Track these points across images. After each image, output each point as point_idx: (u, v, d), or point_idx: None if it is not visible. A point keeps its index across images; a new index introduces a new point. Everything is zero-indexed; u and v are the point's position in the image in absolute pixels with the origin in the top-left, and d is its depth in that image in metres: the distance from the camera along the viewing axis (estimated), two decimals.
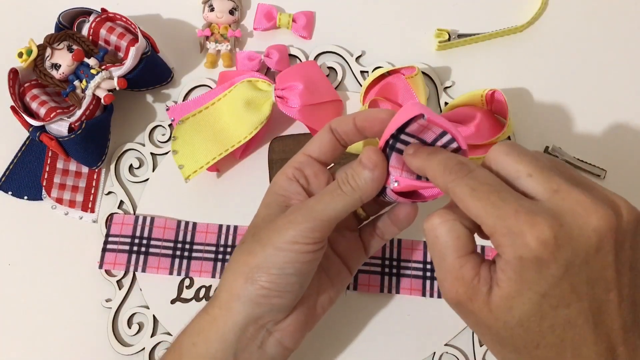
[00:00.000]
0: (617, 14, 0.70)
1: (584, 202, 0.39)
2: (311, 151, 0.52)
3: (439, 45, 0.68)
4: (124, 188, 0.66)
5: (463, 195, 0.41)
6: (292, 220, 0.48)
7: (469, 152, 0.61)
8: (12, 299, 0.64)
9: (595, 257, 0.39)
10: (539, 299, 0.40)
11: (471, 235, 0.44)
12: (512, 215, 0.39)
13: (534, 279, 0.39)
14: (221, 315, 0.49)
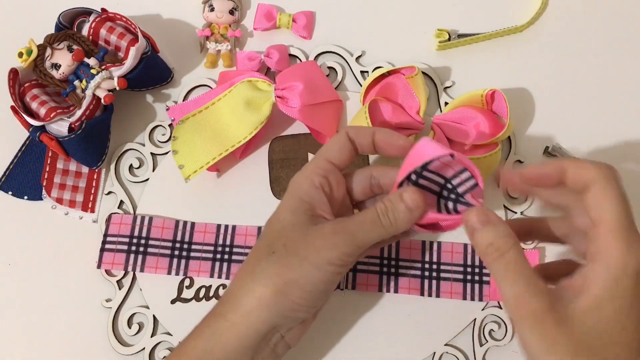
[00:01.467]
0: (617, 14, 0.70)
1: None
2: (333, 158, 0.52)
3: (439, 45, 0.68)
4: (124, 188, 0.66)
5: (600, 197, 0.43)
6: (334, 243, 0.48)
7: (469, 152, 0.62)
8: (12, 299, 0.64)
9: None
10: (629, 309, 0.41)
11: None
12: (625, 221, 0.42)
13: (629, 289, 0.41)
14: (242, 323, 0.49)
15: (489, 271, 0.48)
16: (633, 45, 0.69)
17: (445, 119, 0.63)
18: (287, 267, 0.49)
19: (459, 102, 0.64)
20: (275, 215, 0.52)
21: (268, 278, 0.49)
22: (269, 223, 0.52)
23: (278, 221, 0.51)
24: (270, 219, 0.52)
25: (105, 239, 0.63)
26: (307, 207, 0.51)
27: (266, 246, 0.50)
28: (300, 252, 0.49)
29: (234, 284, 0.51)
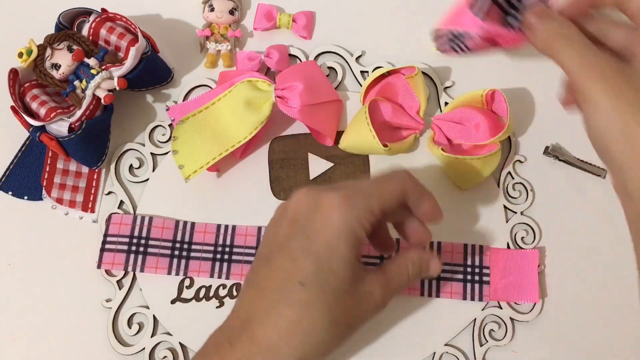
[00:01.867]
0: (617, 14, 0.70)
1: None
2: (386, 209, 0.50)
3: None
4: (124, 188, 0.66)
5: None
6: (374, 315, 0.51)
7: (470, 152, 0.62)
8: (12, 299, 0.64)
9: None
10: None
11: None
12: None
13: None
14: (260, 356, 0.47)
15: (554, 61, 0.47)
16: None
17: (446, 118, 0.63)
18: (342, 340, 0.49)
19: (459, 102, 0.64)
20: (325, 264, 0.47)
21: (324, 353, 0.48)
22: (317, 274, 0.47)
23: (333, 276, 0.47)
24: (317, 267, 0.47)
25: (105, 239, 0.63)
26: (356, 254, 0.49)
27: (325, 311, 0.47)
28: (355, 323, 0.49)
29: (279, 345, 0.47)
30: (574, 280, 0.64)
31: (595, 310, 0.64)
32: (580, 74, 0.45)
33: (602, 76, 0.44)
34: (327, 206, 0.48)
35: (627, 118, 0.42)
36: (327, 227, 0.48)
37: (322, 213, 0.48)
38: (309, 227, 0.48)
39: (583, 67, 0.45)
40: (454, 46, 0.57)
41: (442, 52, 0.58)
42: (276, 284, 0.48)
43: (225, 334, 0.49)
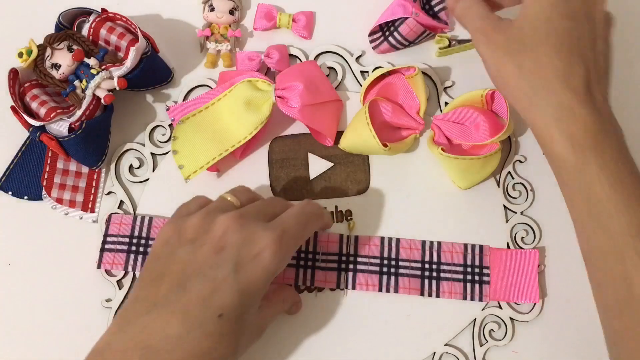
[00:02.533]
0: (617, 15, 0.70)
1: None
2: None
3: (439, 52, 0.68)
4: (124, 188, 0.66)
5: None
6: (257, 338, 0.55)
7: (469, 152, 0.62)
8: (12, 299, 0.64)
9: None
10: (549, 6, 0.53)
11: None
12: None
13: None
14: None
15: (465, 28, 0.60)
16: (632, 45, 0.70)
17: (446, 118, 0.63)
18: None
19: (459, 102, 0.64)
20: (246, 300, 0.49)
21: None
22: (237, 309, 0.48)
23: (247, 312, 0.49)
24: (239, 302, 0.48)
25: (105, 239, 0.63)
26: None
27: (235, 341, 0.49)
28: (247, 338, 0.52)
29: (168, 336, 0.47)
30: (574, 280, 0.64)
31: (595, 310, 0.64)
32: (474, 38, 0.57)
33: (485, 36, 0.56)
34: (261, 245, 0.49)
35: (499, 60, 0.54)
36: (259, 267, 0.49)
37: (254, 250, 0.49)
38: (239, 261, 0.49)
39: (475, 32, 0.57)
40: (391, 41, 0.67)
41: (380, 52, 0.68)
42: (193, 313, 0.47)
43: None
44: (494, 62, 0.55)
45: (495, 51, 0.55)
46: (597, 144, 0.51)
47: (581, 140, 0.51)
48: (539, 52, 0.52)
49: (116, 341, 0.48)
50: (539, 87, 0.52)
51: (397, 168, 0.65)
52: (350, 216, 0.64)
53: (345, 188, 0.65)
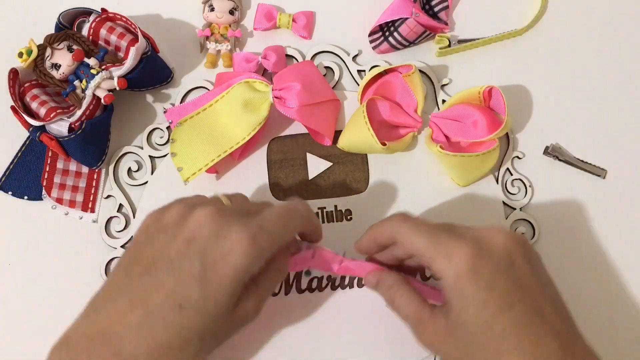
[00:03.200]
0: (616, 15, 0.70)
1: (491, 229, 0.51)
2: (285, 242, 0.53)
3: (439, 52, 0.68)
4: (123, 191, 0.66)
5: (409, 234, 0.52)
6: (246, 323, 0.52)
7: (468, 149, 0.62)
8: (12, 299, 0.64)
9: (514, 268, 0.50)
10: (481, 309, 0.48)
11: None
12: (445, 243, 0.50)
13: (472, 292, 0.48)
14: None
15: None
16: (632, 45, 0.70)
17: (444, 116, 0.63)
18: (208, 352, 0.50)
19: (457, 100, 0.64)
20: (210, 293, 0.47)
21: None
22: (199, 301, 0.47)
23: (214, 306, 0.47)
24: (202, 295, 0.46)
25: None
26: (242, 286, 0.49)
27: (198, 336, 0.47)
28: (222, 338, 0.51)
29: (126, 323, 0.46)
30: (573, 279, 0.64)
31: (594, 309, 0.63)
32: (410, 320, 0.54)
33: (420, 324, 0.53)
34: (233, 241, 0.47)
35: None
36: (227, 263, 0.47)
37: (224, 245, 0.47)
38: (207, 254, 0.47)
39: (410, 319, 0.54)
40: (391, 41, 0.67)
41: (380, 52, 0.68)
42: (154, 302, 0.46)
43: (82, 345, 0.47)
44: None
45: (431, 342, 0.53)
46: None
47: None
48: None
49: (82, 327, 0.48)
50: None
51: (396, 166, 0.65)
52: (350, 215, 0.64)
53: (344, 187, 0.65)
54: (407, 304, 0.54)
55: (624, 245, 0.65)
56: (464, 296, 0.48)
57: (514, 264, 0.50)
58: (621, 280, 0.64)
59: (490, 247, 0.50)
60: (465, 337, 0.49)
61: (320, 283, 0.63)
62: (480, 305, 0.48)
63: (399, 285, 0.55)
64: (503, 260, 0.49)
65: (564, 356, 0.48)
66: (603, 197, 0.66)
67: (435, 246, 0.50)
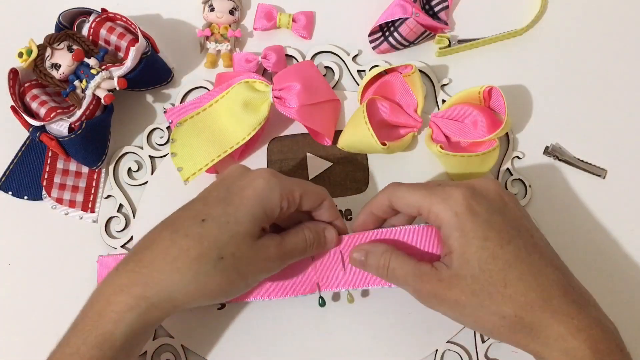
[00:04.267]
0: (616, 15, 0.70)
1: (482, 179, 0.54)
2: (305, 203, 0.56)
3: (439, 52, 0.68)
4: (123, 191, 0.66)
5: (404, 193, 0.54)
6: (269, 267, 0.55)
7: (468, 149, 0.62)
8: (12, 298, 0.64)
9: (507, 209, 0.53)
10: (483, 243, 0.50)
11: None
12: (440, 190, 0.52)
13: (472, 228, 0.50)
14: (169, 310, 0.52)
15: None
16: (632, 45, 0.70)
17: (444, 116, 0.63)
18: (229, 281, 0.52)
19: (457, 100, 0.64)
20: (231, 208, 0.52)
21: (207, 286, 0.51)
22: (220, 212, 0.52)
23: (235, 222, 0.52)
24: (223, 207, 0.52)
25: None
26: (265, 219, 0.53)
27: (215, 246, 0.51)
28: (243, 270, 0.52)
29: (162, 268, 0.51)
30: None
31: None
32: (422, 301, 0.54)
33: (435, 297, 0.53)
34: (255, 173, 0.54)
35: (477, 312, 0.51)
36: (249, 187, 0.53)
37: (249, 177, 0.54)
38: (234, 184, 0.54)
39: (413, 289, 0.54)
40: (391, 41, 0.67)
41: (380, 52, 0.68)
42: (182, 220, 0.53)
43: (117, 264, 0.53)
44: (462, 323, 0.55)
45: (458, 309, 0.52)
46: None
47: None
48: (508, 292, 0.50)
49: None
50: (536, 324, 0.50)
51: (396, 166, 0.65)
52: (350, 215, 0.64)
53: (344, 187, 0.65)
54: (404, 262, 0.54)
55: (624, 245, 0.65)
56: (465, 233, 0.51)
57: (507, 205, 0.53)
58: (621, 280, 0.65)
59: (483, 191, 0.53)
60: (471, 275, 0.50)
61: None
62: (482, 240, 0.50)
63: (392, 251, 0.55)
64: (497, 202, 0.53)
65: (567, 284, 0.52)
66: (603, 197, 0.66)
67: (431, 195, 0.52)
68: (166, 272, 0.50)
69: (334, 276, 0.59)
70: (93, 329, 0.50)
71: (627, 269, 0.65)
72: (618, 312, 0.64)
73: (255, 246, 0.52)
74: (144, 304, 0.50)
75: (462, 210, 0.51)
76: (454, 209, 0.51)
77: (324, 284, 0.60)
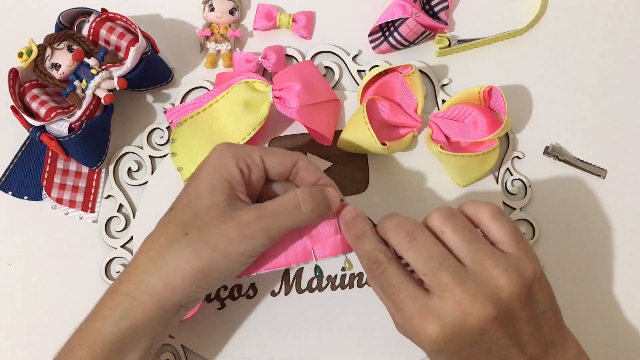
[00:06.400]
0: (616, 15, 0.70)
1: (464, 302, 0.47)
2: (268, 163, 0.53)
3: (439, 52, 0.68)
4: (123, 191, 0.66)
5: (376, 292, 0.52)
6: (247, 234, 0.49)
7: (468, 149, 0.62)
8: (12, 299, 0.64)
9: (483, 338, 0.48)
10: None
11: None
12: (409, 319, 0.48)
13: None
14: (150, 303, 0.50)
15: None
16: (631, 45, 0.70)
17: (444, 116, 0.63)
18: (198, 255, 0.49)
19: (457, 100, 0.64)
20: (191, 188, 0.52)
21: (178, 265, 0.49)
22: (184, 196, 0.52)
23: (196, 198, 0.51)
24: (186, 190, 0.53)
25: None
26: (227, 186, 0.51)
27: (180, 226, 0.50)
28: (213, 240, 0.49)
29: (140, 262, 0.51)
30: (573, 279, 0.64)
31: (594, 308, 0.63)
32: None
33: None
34: (211, 152, 0.53)
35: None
36: (205, 165, 0.52)
37: (206, 158, 0.53)
38: (195, 170, 0.54)
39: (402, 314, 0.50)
40: (391, 41, 0.67)
41: (380, 52, 0.68)
42: (159, 236, 0.52)
43: (117, 285, 0.53)
44: None
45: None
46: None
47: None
48: None
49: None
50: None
51: (396, 166, 0.66)
52: None
53: (344, 187, 0.65)
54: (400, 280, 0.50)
55: (624, 245, 0.65)
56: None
57: (484, 336, 0.48)
58: (622, 280, 0.65)
59: (455, 328, 0.48)
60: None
61: (320, 283, 0.63)
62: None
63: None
64: (469, 338, 0.48)
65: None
66: (603, 197, 0.66)
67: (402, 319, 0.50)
68: (143, 264, 0.50)
69: (328, 240, 0.55)
70: (85, 327, 0.51)
71: (627, 269, 0.65)
72: (618, 312, 0.64)
73: (225, 215, 0.50)
74: (127, 299, 0.50)
75: (428, 351, 0.51)
76: (422, 346, 0.51)
77: (318, 250, 0.56)
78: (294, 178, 0.55)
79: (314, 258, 0.55)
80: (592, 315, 0.60)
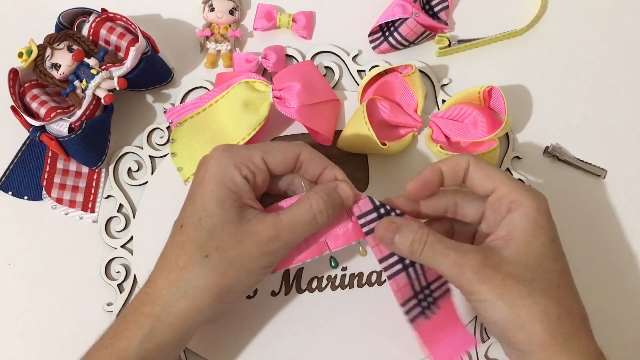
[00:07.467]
0: (616, 15, 0.70)
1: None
2: (271, 162, 0.53)
3: (439, 52, 0.68)
4: (123, 191, 0.66)
5: (486, 169, 0.52)
6: (269, 251, 0.51)
7: (468, 149, 0.62)
8: (12, 299, 0.64)
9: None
10: (551, 243, 0.51)
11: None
12: (520, 184, 0.52)
13: (547, 227, 0.51)
14: (178, 325, 0.51)
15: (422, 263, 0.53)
16: (631, 45, 0.70)
17: (444, 116, 0.63)
18: (223, 276, 0.50)
19: (457, 100, 0.64)
20: (198, 203, 0.51)
21: (204, 288, 0.50)
22: (191, 211, 0.51)
23: (206, 215, 0.51)
24: (192, 205, 0.51)
25: None
26: (235, 197, 0.51)
27: (197, 247, 0.50)
28: (236, 261, 0.50)
29: (162, 285, 0.51)
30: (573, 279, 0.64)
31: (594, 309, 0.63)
32: (454, 274, 0.50)
33: (476, 273, 0.49)
34: (208, 156, 0.53)
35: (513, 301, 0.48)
36: (206, 175, 0.51)
37: (204, 164, 0.53)
38: (196, 180, 0.53)
39: (453, 268, 0.49)
40: (391, 41, 0.67)
41: (380, 52, 0.68)
42: (172, 232, 0.53)
43: (140, 306, 0.52)
44: (506, 303, 0.49)
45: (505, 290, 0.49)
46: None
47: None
48: (559, 294, 0.50)
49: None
50: (569, 335, 0.49)
51: (396, 166, 0.66)
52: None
53: None
54: (443, 238, 0.51)
55: (624, 245, 0.65)
56: (539, 227, 0.50)
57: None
58: (622, 280, 0.65)
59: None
60: (526, 264, 0.49)
61: (320, 283, 0.63)
62: (550, 240, 0.51)
63: (428, 228, 0.52)
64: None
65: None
66: (603, 197, 0.66)
67: (512, 182, 0.52)
68: (165, 287, 0.50)
69: (340, 230, 0.55)
70: (110, 345, 0.51)
71: (628, 269, 0.65)
72: (618, 312, 0.64)
73: (241, 231, 0.50)
74: (151, 321, 0.50)
75: (545, 208, 0.51)
76: (539, 204, 0.51)
77: (332, 241, 0.55)
78: (298, 170, 0.55)
79: (328, 249, 0.55)
80: (591, 316, 0.60)
